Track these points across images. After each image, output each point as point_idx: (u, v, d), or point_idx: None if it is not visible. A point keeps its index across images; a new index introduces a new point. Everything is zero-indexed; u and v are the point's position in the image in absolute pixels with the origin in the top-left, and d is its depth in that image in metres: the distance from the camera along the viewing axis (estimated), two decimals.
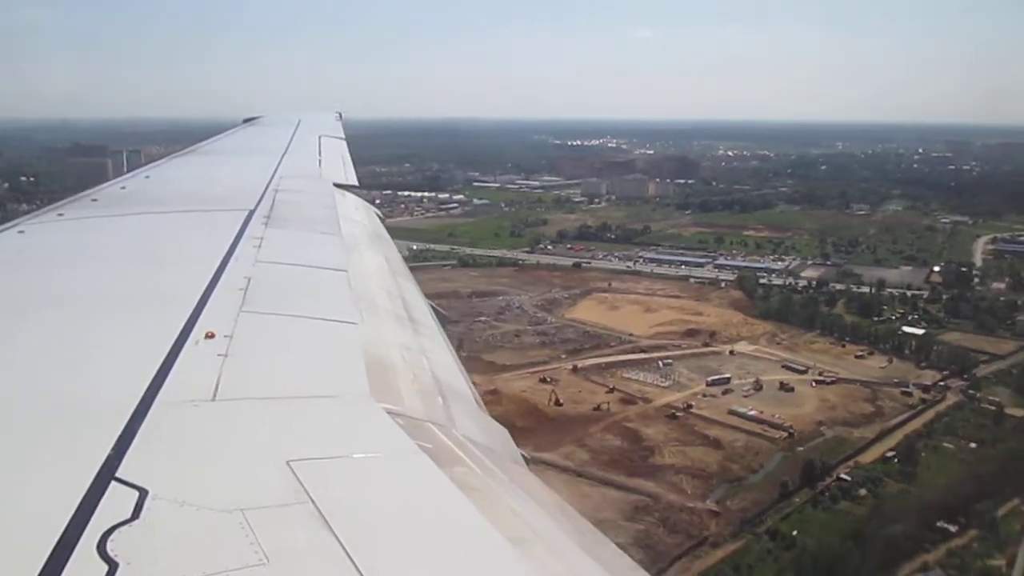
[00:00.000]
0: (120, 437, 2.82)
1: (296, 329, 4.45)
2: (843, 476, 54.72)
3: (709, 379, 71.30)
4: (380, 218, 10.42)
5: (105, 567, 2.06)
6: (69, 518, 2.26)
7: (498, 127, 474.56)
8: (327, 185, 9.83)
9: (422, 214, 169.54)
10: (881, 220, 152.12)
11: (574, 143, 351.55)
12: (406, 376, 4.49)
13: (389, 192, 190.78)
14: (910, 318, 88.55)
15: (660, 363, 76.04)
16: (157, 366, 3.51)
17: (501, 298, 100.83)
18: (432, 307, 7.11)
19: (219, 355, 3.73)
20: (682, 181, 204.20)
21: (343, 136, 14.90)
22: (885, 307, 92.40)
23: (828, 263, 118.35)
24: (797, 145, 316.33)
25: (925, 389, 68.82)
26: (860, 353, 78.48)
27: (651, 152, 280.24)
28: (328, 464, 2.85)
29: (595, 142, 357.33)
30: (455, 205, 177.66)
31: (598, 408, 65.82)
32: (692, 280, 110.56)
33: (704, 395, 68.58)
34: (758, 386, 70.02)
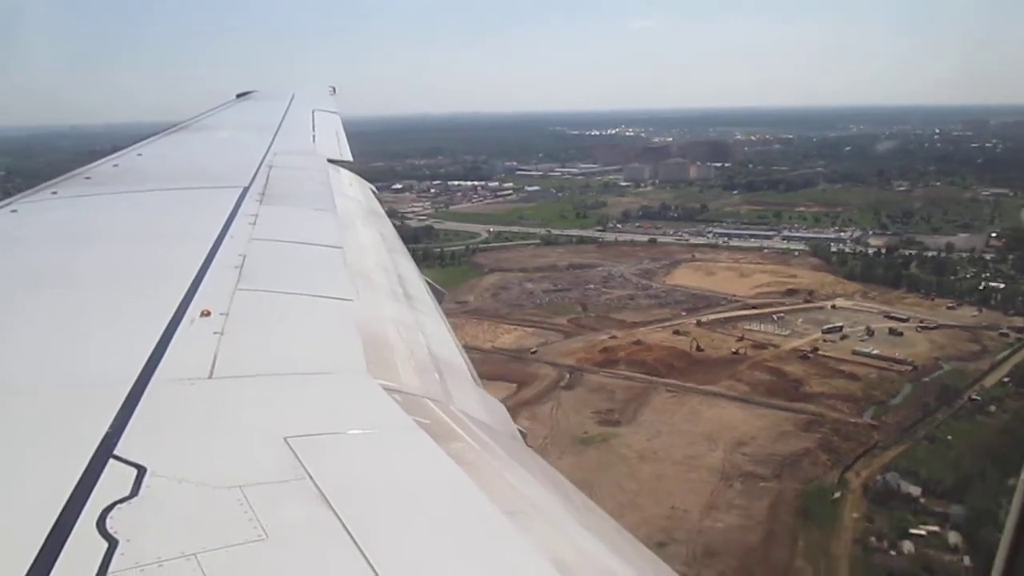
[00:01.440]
0: (118, 415, 2.85)
1: (292, 306, 4.51)
2: (973, 397, 64.74)
3: (824, 328, 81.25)
4: (375, 194, 10.35)
5: (105, 544, 2.11)
6: (68, 496, 2.30)
7: (507, 120, 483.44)
8: (321, 161, 9.86)
9: (480, 201, 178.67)
10: (923, 195, 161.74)
11: (591, 133, 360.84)
12: (402, 352, 4.52)
13: (439, 182, 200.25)
14: (984, 275, 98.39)
15: (774, 317, 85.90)
16: (153, 344, 3.54)
17: (599, 269, 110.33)
18: (428, 283, 7.08)
19: (215, 333, 3.78)
20: (718, 164, 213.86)
21: (337, 111, 14.75)
22: (958, 268, 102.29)
23: (888, 233, 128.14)
24: (811, 129, 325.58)
25: (1019, 331, 78.84)
26: (951, 305, 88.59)
27: (669, 139, 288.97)
28: (325, 440, 2.91)
29: (612, 131, 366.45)
30: (509, 192, 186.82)
31: (736, 352, 75.69)
32: (765, 250, 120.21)
33: (824, 341, 78.39)
34: (869, 332, 80.00)
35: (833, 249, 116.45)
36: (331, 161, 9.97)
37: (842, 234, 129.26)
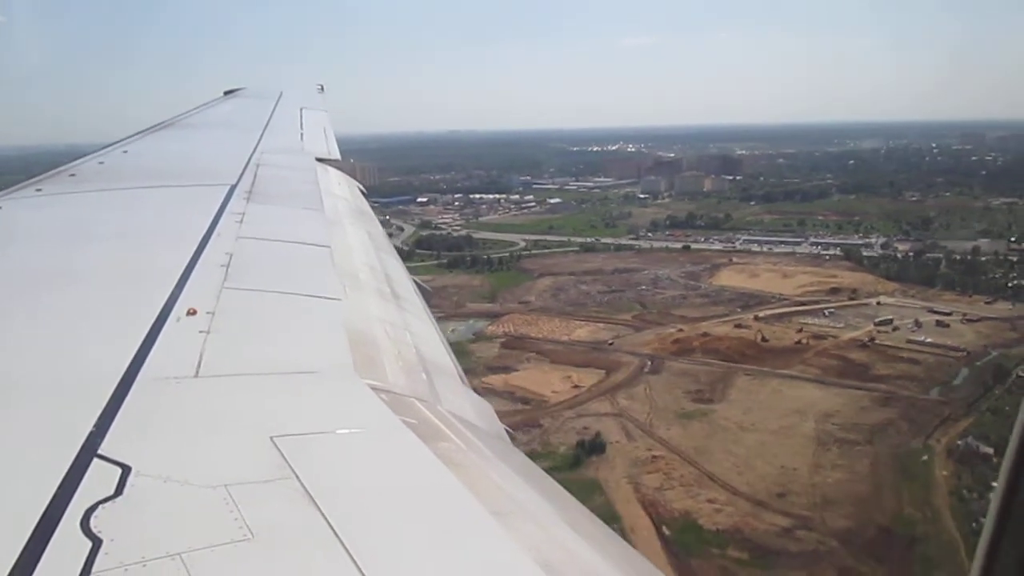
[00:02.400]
0: (102, 414, 2.84)
1: (279, 305, 4.52)
2: (1020, 374, 72.02)
3: (876, 320, 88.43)
4: (363, 193, 10.40)
5: (89, 543, 2.10)
6: (52, 495, 2.29)
7: (506, 138, 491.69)
8: (309, 160, 9.88)
9: (506, 212, 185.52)
10: (936, 204, 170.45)
11: (592, 149, 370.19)
12: (390, 352, 4.53)
13: (460, 195, 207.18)
14: (1011, 275, 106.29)
15: (824, 312, 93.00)
16: (139, 343, 3.54)
17: (645, 272, 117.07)
18: (416, 283, 7.17)
19: (201, 332, 3.78)
20: (730, 177, 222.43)
21: (326, 109, 14.83)
22: (987, 269, 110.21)
23: (911, 239, 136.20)
24: (806, 144, 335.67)
25: None
26: (987, 300, 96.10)
27: (672, 154, 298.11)
28: (312, 440, 2.91)
29: (612, 147, 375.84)
30: (533, 204, 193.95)
31: (799, 343, 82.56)
32: (796, 255, 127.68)
33: (878, 332, 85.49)
34: (918, 324, 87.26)
35: (864, 253, 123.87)
36: (319, 160, 10.03)
37: (867, 240, 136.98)
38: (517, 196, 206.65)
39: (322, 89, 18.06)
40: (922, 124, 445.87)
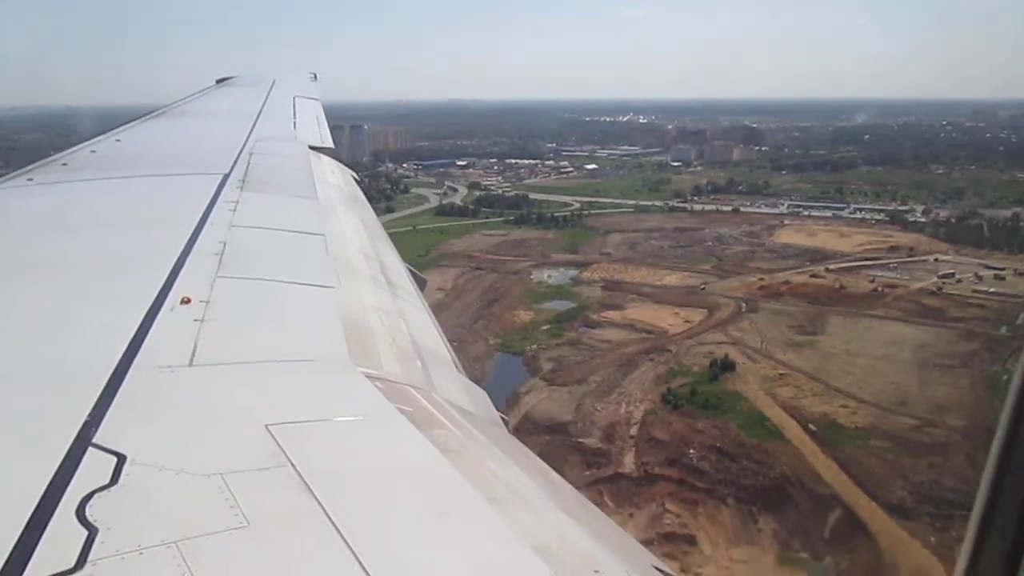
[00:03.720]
0: (97, 403, 2.88)
1: (273, 294, 4.57)
2: None
3: (938, 273, 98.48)
4: (356, 180, 10.57)
5: (85, 532, 2.13)
6: (47, 484, 2.32)
7: (513, 107, 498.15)
8: (302, 148, 9.97)
9: (546, 176, 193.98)
10: (963, 177, 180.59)
11: (603, 119, 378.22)
12: (384, 340, 4.59)
13: (495, 160, 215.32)
14: None
15: (889, 266, 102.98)
16: (133, 332, 3.59)
17: (705, 231, 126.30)
18: (410, 270, 7.24)
19: (196, 320, 3.83)
20: (755, 147, 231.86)
21: (318, 97, 14.89)
22: None
23: (948, 207, 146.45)
24: (815, 119, 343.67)
25: None
26: None
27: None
28: (307, 428, 2.97)
29: (623, 118, 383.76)
30: (571, 169, 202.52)
31: (874, 290, 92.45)
32: (843, 219, 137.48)
33: (943, 283, 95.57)
34: (978, 277, 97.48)
35: (909, 219, 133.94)
36: (312, 148, 10.08)
37: (906, 207, 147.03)
38: (552, 162, 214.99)
39: (315, 77, 18.35)
40: (921, 102, 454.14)
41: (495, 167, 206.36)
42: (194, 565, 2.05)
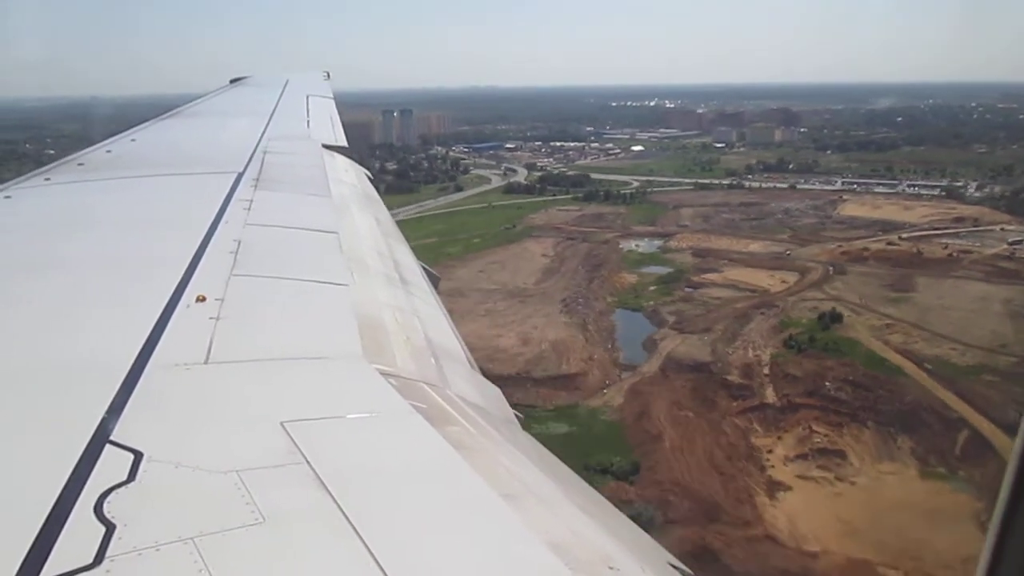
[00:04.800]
0: (114, 401, 2.97)
1: (287, 291, 4.67)
2: None
3: (1009, 240, 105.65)
4: (369, 179, 10.73)
5: (103, 528, 2.19)
6: (65, 481, 2.39)
7: (537, 93, 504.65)
8: (316, 146, 10.19)
9: (595, 158, 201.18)
10: (1006, 155, 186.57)
11: (630, 104, 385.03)
12: (398, 337, 4.68)
13: (539, 143, 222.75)
14: None
15: (958, 235, 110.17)
16: (149, 330, 3.69)
17: (770, 205, 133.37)
18: (423, 268, 7.34)
19: (211, 318, 3.94)
20: (796, 129, 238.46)
21: (331, 96, 15.24)
22: None
23: (999, 181, 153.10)
24: (838, 102, 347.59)
25: None
26: None
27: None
28: (322, 425, 3.04)
29: (649, 103, 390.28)
30: (618, 151, 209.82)
31: (950, 255, 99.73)
32: (901, 194, 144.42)
33: (1013, 249, 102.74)
34: None
35: (965, 193, 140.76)
36: (326, 146, 10.34)
37: (958, 183, 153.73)
38: (597, 144, 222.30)
39: (328, 76, 18.50)
40: (937, 85, 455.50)
41: (542, 149, 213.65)
42: (210, 561, 2.10)
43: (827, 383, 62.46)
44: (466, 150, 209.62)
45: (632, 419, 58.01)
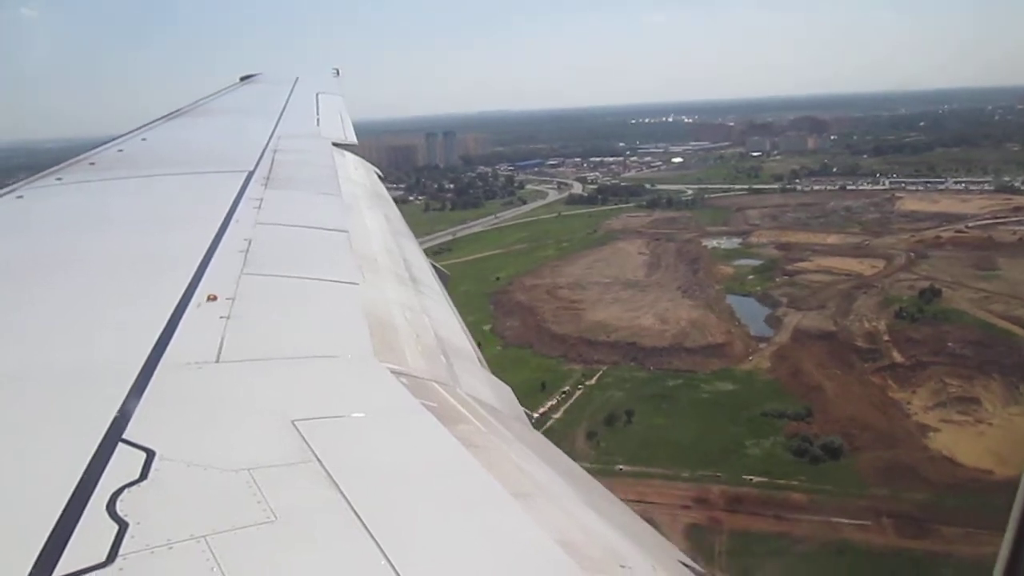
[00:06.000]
0: (126, 399, 3.00)
1: (298, 290, 4.74)
2: None
3: None
4: (380, 177, 10.80)
5: (115, 526, 2.22)
6: (78, 479, 2.42)
7: (551, 115, 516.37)
8: (326, 144, 10.31)
9: (639, 171, 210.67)
10: None
11: (647, 120, 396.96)
12: (409, 335, 4.72)
13: (579, 159, 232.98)
14: None
15: (1021, 221, 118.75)
16: (160, 329, 3.73)
17: (830, 204, 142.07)
18: (434, 266, 7.48)
19: (222, 317, 3.97)
20: (828, 136, 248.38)
21: (342, 94, 15.34)
22: None
23: None
24: (853, 111, 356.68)
25: None
26: None
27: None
28: (333, 423, 3.08)
29: (667, 119, 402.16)
30: (659, 163, 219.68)
31: (1020, 239, 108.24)
32: (950, 190, 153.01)
33: None
34: None
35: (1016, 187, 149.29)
36: (336, 145, 10.46)
37: (1007, 178, 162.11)
38: (636, 158, 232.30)
39: (338, 73, 18.70)
40: (947, 91, 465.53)
41: (584, 165, 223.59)
42: (222, 559, 2.13)
43: (949, 343, 70.64)
44: (511, 168, 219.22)
45: (787, 377, 66.27)
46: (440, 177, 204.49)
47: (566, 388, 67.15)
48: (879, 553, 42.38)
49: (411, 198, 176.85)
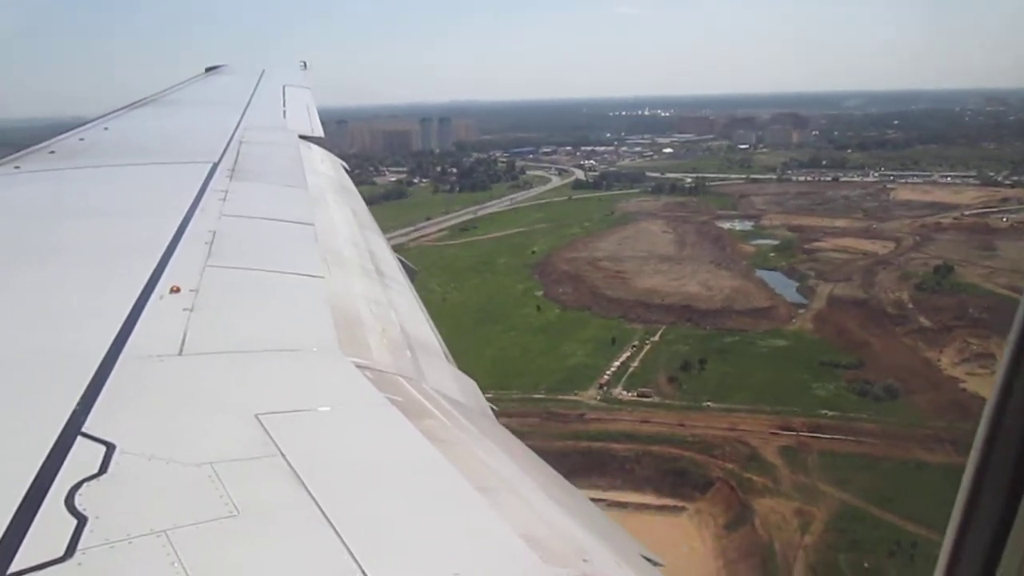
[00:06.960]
0: (86, 392, 2.98)
1: (263, 283, 4.76)
2: None
3: None
4: (346, 170, 10.82)
5: (74, 521, 2.20)
6: (36, 473, 2.41)
7: (526, 106, 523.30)
8: (292, 137, 10.34)
9: (632, 160, 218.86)
10: (1014, 150, 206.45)
11: (623, 113, 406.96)
12: (374, 329, 4.74)
13: (570, 148, 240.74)
14: None
15: (1010, 211, 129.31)
16: (122, 321, 3.71)
17: (828, 193, 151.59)
18: (400, 260, 7.45)
19: (185, 309, 3.97)
20: (811, 131, 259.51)
21: (309, 87, 15.35)
22: None
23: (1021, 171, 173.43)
24: (826, 110, 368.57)
25: None
26: None
27: (705, 115, 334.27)
28: (297, 417, 3.10)
29: (644, 113, 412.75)
30: (650, 153, 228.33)
31: (1012, 225, 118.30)
32: (937, 183, 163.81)
33: None
34: None
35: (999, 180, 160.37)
36: (302, 137, 10.53)
37: (989, 172, 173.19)
38: (626, 148, 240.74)
39: (305, 66, 18.97)
40: (904, 93, 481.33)
41: (576, 153, 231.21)
42: (183, 554, 2.12)
43: (970, 309, 79.52)
44: (507, 155, 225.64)
45: (833, 335, 74.46)
46: (439, 162, 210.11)
47: (635, 343, 74.38)
48: (950, 468, 50.39)
49: (416, 180, 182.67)
